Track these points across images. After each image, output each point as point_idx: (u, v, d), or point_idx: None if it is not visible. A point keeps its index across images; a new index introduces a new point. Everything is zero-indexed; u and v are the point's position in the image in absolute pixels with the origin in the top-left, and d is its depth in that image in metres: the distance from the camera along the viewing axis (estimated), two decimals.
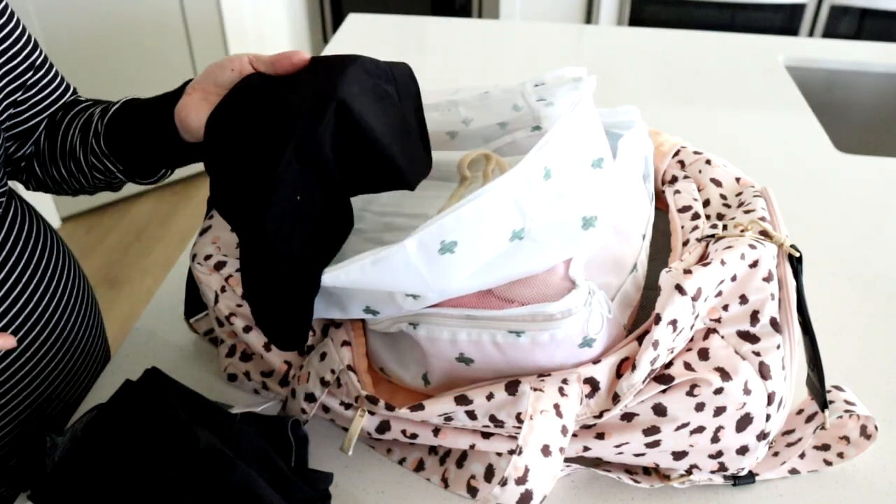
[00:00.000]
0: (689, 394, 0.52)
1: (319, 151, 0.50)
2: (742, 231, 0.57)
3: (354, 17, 1.60)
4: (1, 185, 0.68)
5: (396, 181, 0.53)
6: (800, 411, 0.62)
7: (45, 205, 2.26)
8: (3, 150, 0.67)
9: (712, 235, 0.58)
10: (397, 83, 0.56)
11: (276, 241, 0.49)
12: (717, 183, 0.66)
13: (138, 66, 2.32)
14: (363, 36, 1.51)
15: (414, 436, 0.57)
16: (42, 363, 0.70)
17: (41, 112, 0.71)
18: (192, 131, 0.58)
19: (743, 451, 0.54)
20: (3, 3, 0.66)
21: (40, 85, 0.70)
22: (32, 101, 0.70)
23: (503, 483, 0.48)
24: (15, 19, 0.68)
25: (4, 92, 0.67)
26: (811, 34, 2.49)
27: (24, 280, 0.68)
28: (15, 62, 0.67)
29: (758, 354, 0.52)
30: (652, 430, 0.53)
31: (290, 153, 0.49)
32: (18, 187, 1.86)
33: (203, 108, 0.57)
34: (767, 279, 0.54)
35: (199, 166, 2.59)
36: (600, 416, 0.52)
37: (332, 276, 0.49)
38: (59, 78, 0.73)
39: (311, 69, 0.55)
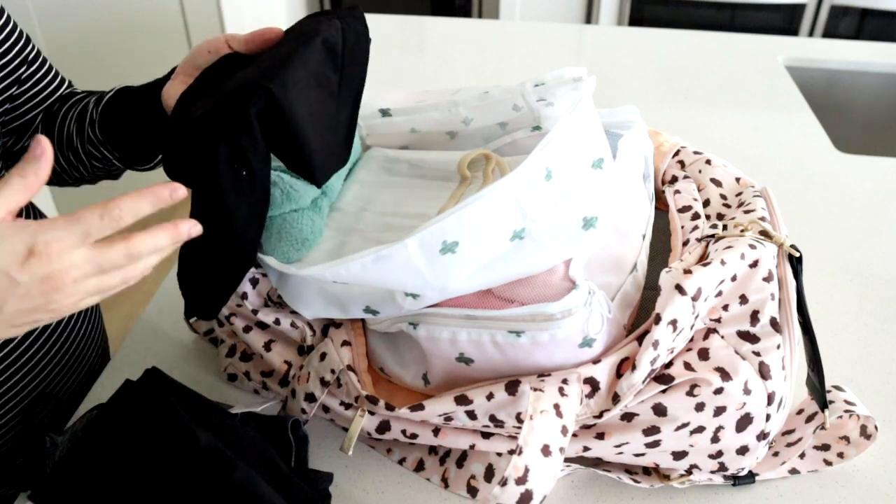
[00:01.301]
0: (689, 394, 0.52)
1: (250, 129, 0.50)
2: (742, 231, 0.57)
3: None
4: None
5: (306, 174, 0.53)
6: (800, 411, 0.62)
7: (46, 205, 2.26)
8: (2, 145, 0.67)
9: (712, 235, 0.58)
10: (343, 70, 0.55)
11: (232, 212, 0.51)
12: (717, 183, 0.66)
13: (138, 66, 2.31)
14: None
15: (414, 436, 0.57)
16: (38, 357, 0.70)
17: (37, 105, 0.72)
18: None
19: (743, 451, 0.54)
20: None
21: (35, 78, 0.71)
22: (28, 94, 0.71)
23: (503, 483, 0.48)
24: (5, 16, 0.68)
25: (1, 87, 0.67)
26: (811, 34, 2.49)
27: None
28: (8, 57, 0.68)
29: (758, 354, 0.52)
30: (652, 430, 0.53)
31: (225, 132, 0.49)
32: None
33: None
34: (767, 279, 0.54)
35: None
36: (600, 416, 0.52)
37: (333, 272, 0.49)
38: (52, 71, 0.74)
39: (277, 45, 0.55)
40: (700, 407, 0.52)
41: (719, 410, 0.52)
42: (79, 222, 0.41)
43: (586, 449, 0.55)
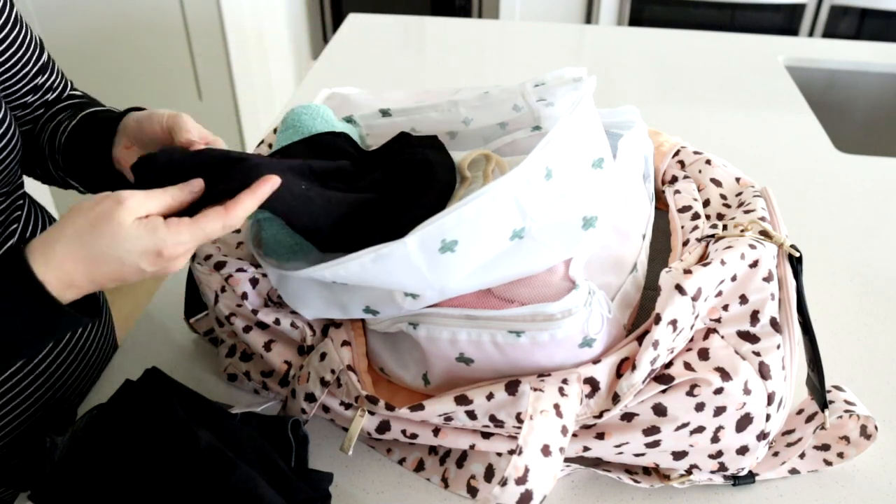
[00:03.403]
0: (689, 394, 0.52)
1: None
2: (742, 231, 0.57)
3: (354, 17, 1.60)
4: (19, 187, 0.69)
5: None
6: (800, 411, 0.62)
7: (45, 205, 2.26)
8: (20, 152, 0.67)
9: (712, 235, 0.58)
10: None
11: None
12: (717, 183, 0.66)
13: (138, 66, 2.31)
14: (363, 36, 1.51)
15: (414, 436, 0.57)
16: (54, 364, 0.70)
17: (47, 111, 0.72)
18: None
19: (743, 451, 0.54)
20: (15, 11, 0.67)
21: (47, 85, 0.71)
22: (41, 101, 0.71)
23: (503, 483, 0.48)
24: (25, 25, 0.68)
25: (19, 94, 0.67)
26: (811, 34, 2.49)
27: None
28: (28, 66, 0.68)
29: (758, 354, 0.52)
30: (652, 430, 0.53)
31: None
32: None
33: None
34: (767, 279, 0.54)
35: None
36: (600, 416, 0.52)
37: (333, 272, 0.49)
38: (60, 75, 0.74)
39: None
40: (700, 407, 0.52)
41: (719, 410, 0.52)
42: (202, 230, 0.48)
43: (586, 449, 0.55)
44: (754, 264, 0.54)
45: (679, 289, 0.51)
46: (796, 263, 0.56)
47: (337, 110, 0.71)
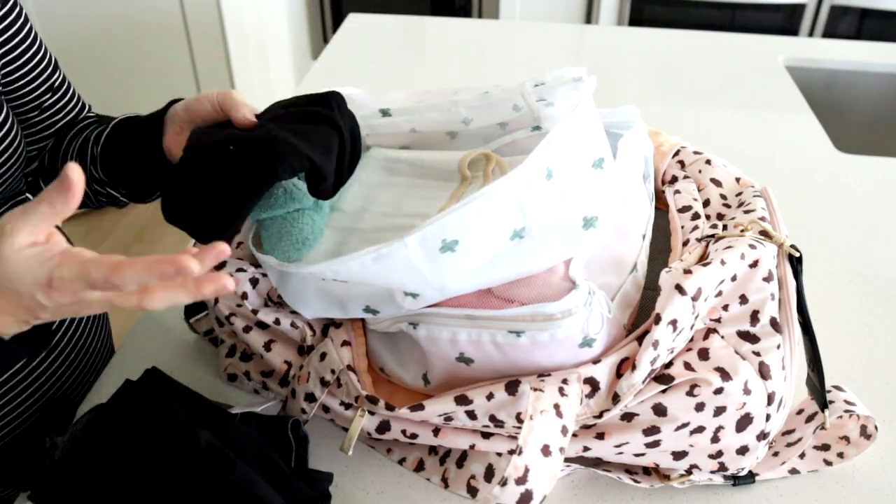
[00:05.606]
0: (689, 394, 0.52)
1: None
2: (742, 231, 0.57)
3: (354, 17, 1.60)
4: (21, 192, 0.69)
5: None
6: (800, 411, 0.62)
7: None
8: (23, 158, 0.67)
9: (712, 235, 0.58)
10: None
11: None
12: (717, 183, 0.66)
13: (138, 67, 2.32)
14: (363, 36, 1.51)
15: (414, 436, 0.57)
16: (51, 365, 0.70)
17: (56, 133, 0.72)
18: None
19: (743, 451, 0.54)
20: (28, 26, 0.67)
21: (57, 107, 0.71)
22: (48, 122, 0.71)
23: (503, 483, 0.48)
24: (38, 41, 0.68)
25: (22, 109, 0.67)
26: (811, 34, 2.49)
27: None
28: (35, 84, 0.67)
29: (758, 354, 0.52)
30: (652, 430, 0.53)
31: None
32: None
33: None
34: (767, 279, 0.54)
35: None
36: (600, 416, 0.52)
37: (333, 270, 0.49)
38: (75, 98, 0.73)
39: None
40: (700, 407, 0.52)
41: (719, 410, 0.52)
42: (86, 274, 0.42)
43: (586, 449, 0.55)
44: (754, 264, 0.54)
45: (679, 289, 0.51)
46: (796, 263, 0.56)
47: None
